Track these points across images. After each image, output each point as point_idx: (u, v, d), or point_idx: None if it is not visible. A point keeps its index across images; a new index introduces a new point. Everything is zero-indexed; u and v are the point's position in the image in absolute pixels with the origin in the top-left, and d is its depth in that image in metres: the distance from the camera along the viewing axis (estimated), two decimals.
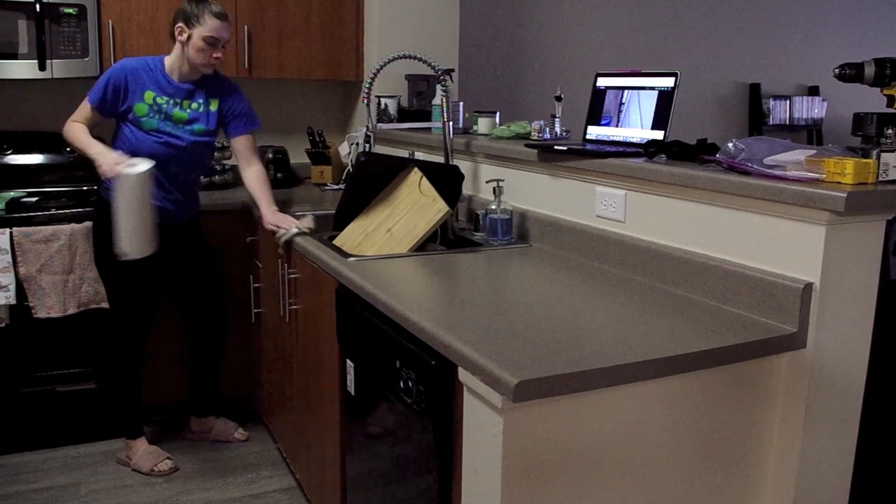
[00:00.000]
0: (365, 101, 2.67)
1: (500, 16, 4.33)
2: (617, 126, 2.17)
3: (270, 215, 2.66)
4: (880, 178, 1.50)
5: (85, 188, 3.39)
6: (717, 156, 1.79)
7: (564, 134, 2.50)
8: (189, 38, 2.62)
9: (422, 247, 2.24)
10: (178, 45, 2.67)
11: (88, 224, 2.94)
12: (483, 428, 1.36)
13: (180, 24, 2.63)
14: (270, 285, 2.87)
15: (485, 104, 4.16)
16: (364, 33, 3.58)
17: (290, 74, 3.49)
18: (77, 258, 2.93)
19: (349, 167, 3.41)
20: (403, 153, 3.09)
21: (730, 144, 1.77)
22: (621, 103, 2.16)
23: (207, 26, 2.60)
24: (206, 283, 3.01)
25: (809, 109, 5.31)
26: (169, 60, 2.73)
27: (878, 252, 1.56)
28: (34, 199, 3.14)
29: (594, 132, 2.25)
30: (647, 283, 1.87)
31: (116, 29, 3.17)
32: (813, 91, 5.35)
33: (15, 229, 2.86)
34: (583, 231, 2.13)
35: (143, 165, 2.45)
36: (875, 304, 1.59)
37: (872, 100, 2.12)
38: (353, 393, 2.02)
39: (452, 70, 2.86)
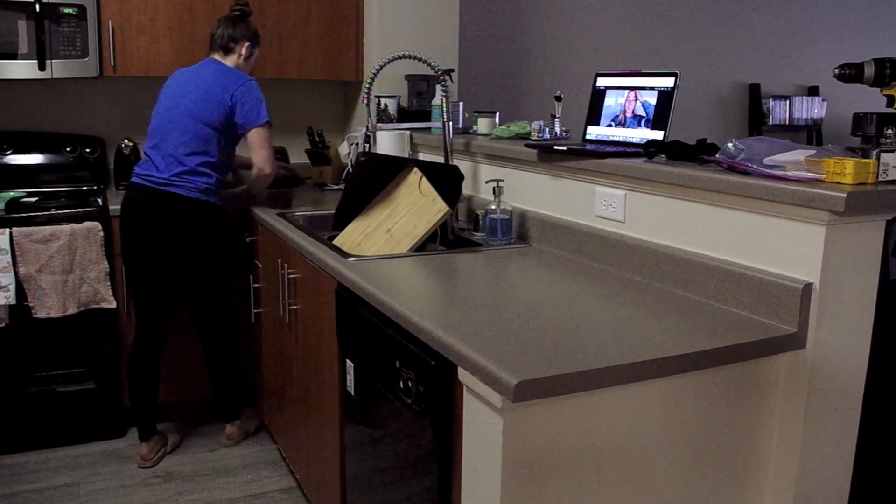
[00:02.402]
0: (365, 101, 2.67)
1: (500, 16, 4.33)
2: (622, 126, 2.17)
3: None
4: (880, 179, 1.50)
5: (84, 188, 3.39)
6: (717, 156, 1.79)
7: (564, 134, 2.50)
8: (252, 54, 2.95)
9: (422, 247, 2.24)
10: (236, 60, 2.91)
11: (88, 224, 2.94)
12: (483, 428, 1.36)
13: (248, 44, 2.91)
14: (270, 285, 2.87)
15: (485, 104, 4.16)
16: (364, 33, 3.58)
17: (290, 74, 3.49)
18: (77, 258, 2.93)
19: (349, 167, 3.41)
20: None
21: (729, 144, 1.77)
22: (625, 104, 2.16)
23: (260, 44, 3.01)
24: None
25: (809, 109, 5.30)
26: None
27: (878, 252, 1.56)
28: (34, 199, 3.14)
29: (594, 132, 2.25)
30: (647, 284, 1.87)
31: (116, 29, 3.17)
32: (813, 91, 5.35)
33: (15, 229, 2.86)
34: (582, 231, 2.13)
35: None
36: (875, 304, 1.59)
37: (872, 100, 2.12)
38: (352, 393, 2.02)
39: (452, 70, 2.86)
